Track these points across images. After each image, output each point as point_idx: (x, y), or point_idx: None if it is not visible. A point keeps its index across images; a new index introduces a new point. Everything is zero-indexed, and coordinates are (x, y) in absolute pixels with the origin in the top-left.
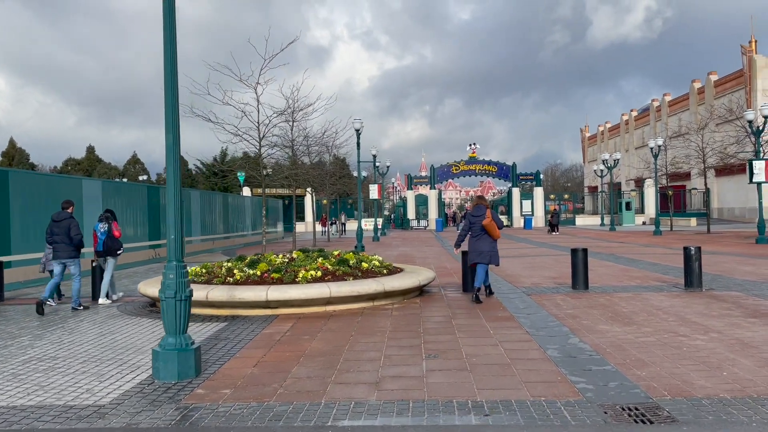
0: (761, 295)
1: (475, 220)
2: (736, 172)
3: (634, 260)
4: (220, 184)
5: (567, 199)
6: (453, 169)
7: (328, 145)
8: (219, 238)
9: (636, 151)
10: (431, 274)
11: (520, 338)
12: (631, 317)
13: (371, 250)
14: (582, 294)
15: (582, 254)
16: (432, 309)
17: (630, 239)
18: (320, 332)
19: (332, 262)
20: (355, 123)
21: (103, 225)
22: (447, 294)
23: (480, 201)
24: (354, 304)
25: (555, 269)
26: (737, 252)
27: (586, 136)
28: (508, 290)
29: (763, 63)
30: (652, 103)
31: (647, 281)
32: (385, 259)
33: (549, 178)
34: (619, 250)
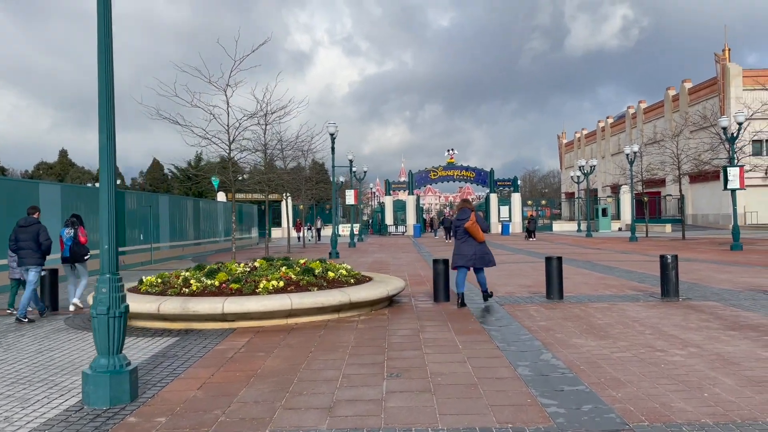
0: (739, 305)
1: (459, 224)
2: (710, 179)
3: (610, 268)
4: (194, 189)
5: (544, 205)
6: (431, 175)
7: (304, 150)
8: (189, 244)
9: (612, 157)
10: (401, 284)
11: (490, 354)
12: (606, 330)
13: (346, 256)
14: (557, 304)
15: (556, 263)
16: (400, 321)
17: (606, 246)
18: (277, 348)
19: (296, 271)
20: (330, 127)
21: (69, 230)
22: (417, 304)
23: (465, 204)
24: (318, 317)
25: (531, 277)
26: (713, 259)
27: (563, 143)
28: (481, 300)
29: (736, 71)
30: (628, 110)
31: (623, 290)
32: (359, 266)
33: (527, 184)
34: (595, 257)
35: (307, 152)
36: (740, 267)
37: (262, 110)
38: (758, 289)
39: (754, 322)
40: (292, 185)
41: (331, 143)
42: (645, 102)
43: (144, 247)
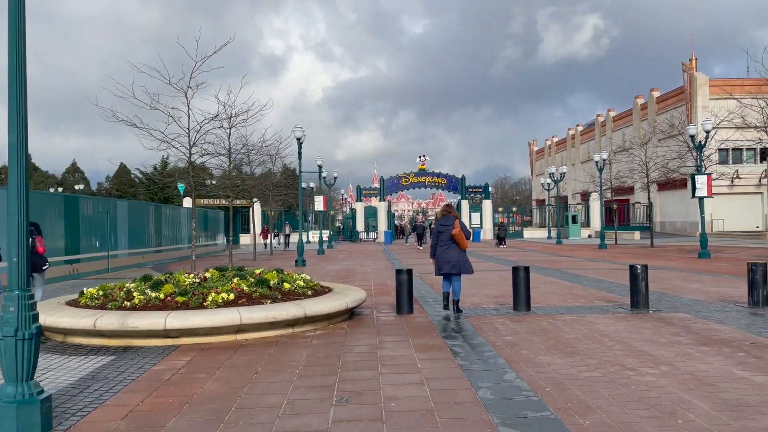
0: (710, 318)
1: (443, 230)
2: (678, 187)
3: (579, 276)
4: (160, 195)
5: (515, 212)
6: (403, 181)
7: (272, 155)
8: (150, 251)
9: (582, 165)
10: (361, 295)
11: (451, 374)
12: (574, 345)
13: (313, 264)
14: (523, 316)
15: (523, 273)
16: (358, 336)
17: (576, 253)
18: (221, 369)
19: (249, 282)
20: (296, 131)
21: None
22: (379, 317)
23: (448, 211)
24: (270, 332)
25: (498, 287)
26: (681, 267)
27: (534, 150)
28: (445, 312)
29: (703, 81)
30: (597, 119)
31: (592, 301)
32: (326, 275)
33: (498, 191)
34: (564, 264)
35: (275, 157)
36: (709, 276)
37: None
38: (728, 300)
39: (727, 336)
40: (259, 191)
41: (298, 148)
42: (614, 110)
43: (100, 254)
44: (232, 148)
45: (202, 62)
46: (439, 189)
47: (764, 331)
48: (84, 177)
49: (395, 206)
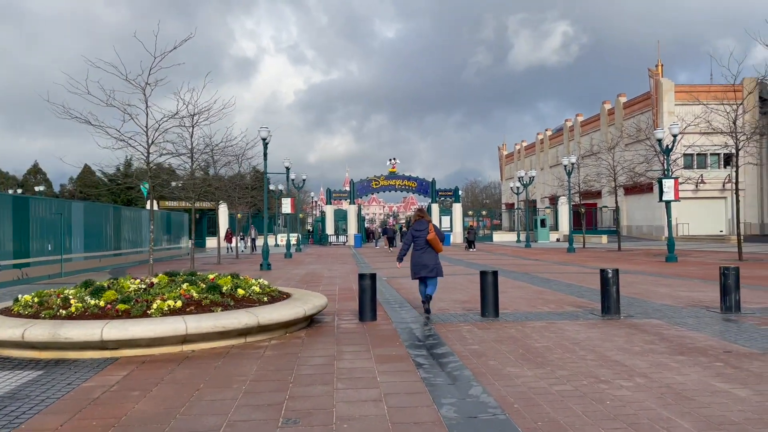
0: (683, 324)
1: (418, 234)
2: (644, 191)
3: (548, 280)
4: (123, 196)
5: (485, 216)
6: (373, 184)
7: (238, 156)
8: (108, 255)
9: (551, 169)
10: (321, 302)
11: (412, 388)
12: (544, 355)
13: (279, 268)
14: (491, 323)
15: (491, 278)
16: (316, 346)
17: (545, 256)
18: (159, 385)
19: (200, 288)
20: (262, 131)
21: None
22: (341, 324)
23: (421, 215)
24: (220, 342)
25: (467, 291)
26: (650, 271)
27: (503, 154)
28: (412, 318)
29: (669, 86)
30: (566, 123)
31: (562, 306)
32: (291, 279)
33: (469, 194)
34: (533, 268)
35: (241, 158)
36: (678, 279)
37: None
38: (699, 305)
39: (702, 344)
40: (224, 193)
41: (264, 148)
42: (582, 115)
43: (53, 258)
44: (195, 148)
45: (161, 58)
46: (410, 192)
47: (739, 338)
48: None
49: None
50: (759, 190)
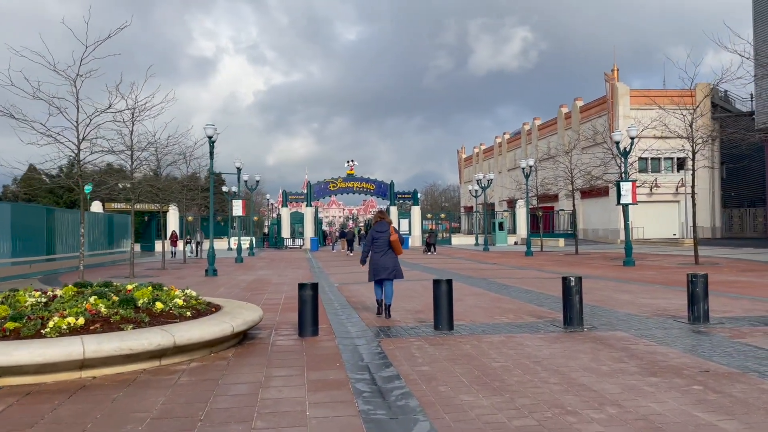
0: (651, 337)
1: (379, 236)
2: (600, 195)
3: (506, 286)
4: (67, 198)
5: (444, 219)
6: (331, 186)
7: (186, 155)
8: (39, 260)
9: (509, 172)
10: (254, 316)
11: (346, 426)
12: (503, 378)
13: (226, 273)
14: (445, 338)
15: (445, 287)
16: (242, 369)
17: (503, 260)
18: (35, 425)
19: (110, 302)
20: (207, 129)
21: None
22: (277, 341)
23: (382, 217)
24: (128, 366)
25: (421, 299)
26: (609, 276)
27: (462, 158)
28: (358, 331)
29: (624, 91)
30: (524, 127)
31: (521, 316)
32: (236, 285)
33: (428, 198)
34: (492, 273)
35: (189, 158)
36: (638, 285)
37: (128, 106)
38: (665, 314)
39: (675, 362)
40: (170, 194)
41: (210, 147)
42: (540, 119)
43: None
44: (136, 146)
45: (94, 47)
46: (368, 195)
47: (714, 354)
48: None
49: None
50: (710, 195)
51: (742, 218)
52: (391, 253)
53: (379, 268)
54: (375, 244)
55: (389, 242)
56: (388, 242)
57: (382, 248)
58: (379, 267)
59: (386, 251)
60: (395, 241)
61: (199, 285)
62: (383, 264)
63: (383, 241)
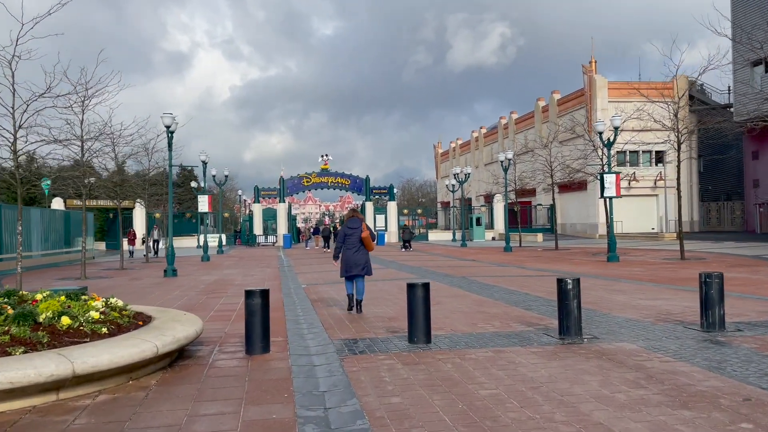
0: (664, 350)
1: (351, 233)
2: (578, 189)
3: (488, 286)
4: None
5: (421, 214)
6: (304, 182)
7: (147, 148)
8: None
9: (486, 167)
10: (189, 332)
11: None
12: (495, 414)
13: (188, 274)
14: (421, 354)
15: (422, 292)
16: (162, 405)
17: (482, 257)
18: None
19: (1, 319)
20: (164, 118)
21: None
22: (217, 361)
23: (354, 214)
24: (10, 403)
25: (395, 303)
26: (595, 272)
27: (439, 152)
28: (318, 346)
29: (602, 83)
30: (500, 121)
31: (508, 323)
32: (195, 287)
33: (405, 193)
34: (471, 270)
35: (150, 151)
36: (629, 284)
37: (76, 91)
38: (671, 319)
39: (705, 386)
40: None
41: (168, 138)
42: (516, 113)
43: None
44: (87, 136)
45: (32, 25)
46: (343, 190)
47: (748, 374)
48: None
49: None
50: (689, 188)
51: (720, 212)
52: (363, 250)
53: (351, 264)
54: (347, 241)
55: (361, 239)
56: (360, 239)
57: (354, 245)
58: (351, 263)
59: (358, 248)
60: (366, 238)
61: (152, 288)
62: (355, 260)
63: (355, 238)
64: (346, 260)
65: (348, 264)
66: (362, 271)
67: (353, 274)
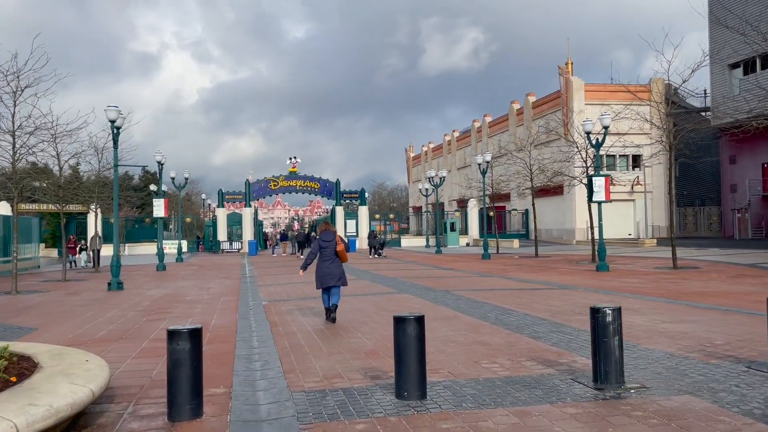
0: (748, 410)
1: (326, 245)
2: (554, 194)
3: (478, 303)
4: None
5: (393, 219)
6: (272, 185)
7: (97, 147)
8: None
9: (458, 171)
10: (80, 394)
11: None
12: None
13: (136, 286)
14: (416, 420)
15: (414, 330)
16: None
17: (460, 265)
18: None
19: None
20: (109, 112)
21: None
22: (126, 429)
23: (328, 227)
24: None
25: (373, 330)
26: (587, 284)
27: (410, 156)
28: (272, 404)
29: (579, 85)
30: (474, 124)
31: (520, 361)
32: (142, 302)
33: (376, 198)
34: (453, 282)
35: (101, 150)
36: (638, 300)
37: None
38: (721, 353)
39: None
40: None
41: (113, 134)
42: (490, 116)
43: None
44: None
45: None
46: (312, 194)
47: None
48: None
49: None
50: (665, 193)
51: (696, 217)
52: (337, 261)
53: (326, 276)
54: (322, 253)
55: (336, 251)
56: (335, 251)
57: (329, 257)
58: (326, 275)
59: (333, 259)
60: (341, 251)
61: (87, 306)
62: (330, 272)
63: (330, 250)
64: (321, 272)
65: (323, 276)
66: (338, 282)
67: (329, 285)
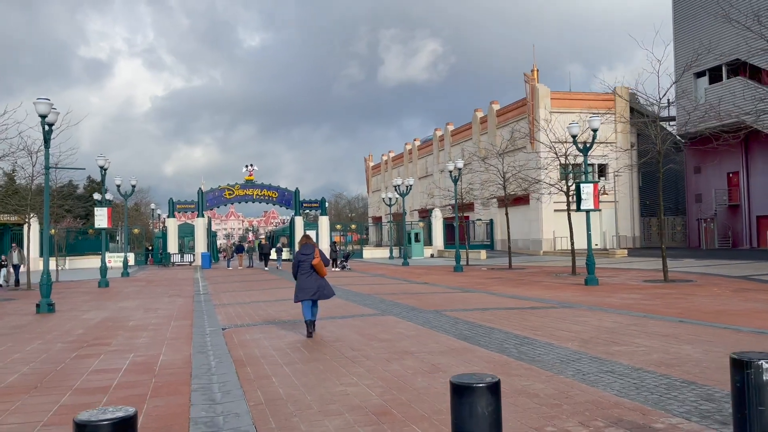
0: None
1: (304, 258)
2: (520, 203)
3: (483, 329)
4: None
5: (355, 230)
6: (226, 194)
7: (29, 149)
8: None
9: (420, 180)
10: None
11: None
12: None
13: (72, 308)
14: None
15: (490, 406)
16: None
17: (433, 278)
18: None
19: None
20: (39, 105)
21: None
22: None
23: (307, 240)
24: None
25: (373, 378)
26: (583, 301)
27: (370, 166)
28: None
29: (545, 92)
30: (436, 133)
31: (600, 430)
32: (65, 334)
33: (333, 208)
34: (436, 299)
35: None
36: (659, 321)
37: None
38: None
39: None
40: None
41: (44, 132)
42: (452, 124)
43: None
44: None
45: None
46: (270, 203)
47: None
48: None
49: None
50: (630, 202)
51: (660, 227)
52: (315, 275)
53: (304, 289)
54: (300, 267)
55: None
56: (312, 265)
57: (306, 270)
58: (304, 288)
59: (311, 273)
60: (317, 265)
61: (7, 334)
62: (307, 285)
63: (308, 264)
64: (299, 285)
65: (301, 289)
66: (314, 296)
67: (306, 298)
